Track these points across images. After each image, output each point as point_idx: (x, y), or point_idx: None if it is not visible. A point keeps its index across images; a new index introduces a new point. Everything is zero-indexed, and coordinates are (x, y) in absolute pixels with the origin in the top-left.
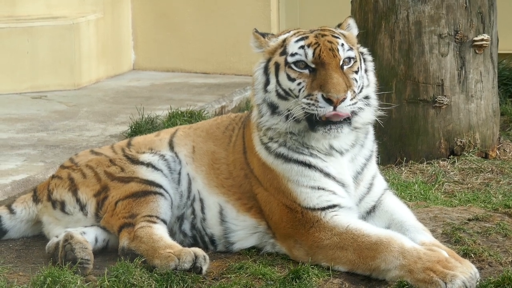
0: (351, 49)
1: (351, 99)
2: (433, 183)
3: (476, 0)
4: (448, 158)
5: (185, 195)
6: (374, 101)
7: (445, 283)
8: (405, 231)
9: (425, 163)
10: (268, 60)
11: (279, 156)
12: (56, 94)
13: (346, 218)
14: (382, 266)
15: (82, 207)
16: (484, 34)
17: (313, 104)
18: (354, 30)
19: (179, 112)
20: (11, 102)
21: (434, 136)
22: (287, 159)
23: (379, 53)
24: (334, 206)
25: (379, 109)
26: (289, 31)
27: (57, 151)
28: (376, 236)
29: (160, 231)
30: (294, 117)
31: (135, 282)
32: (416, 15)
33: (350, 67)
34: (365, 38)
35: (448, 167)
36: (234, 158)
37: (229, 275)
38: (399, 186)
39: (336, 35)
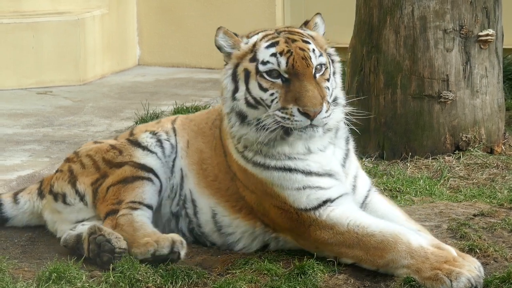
0: (321, 54)
1: (326, 111)
2: (438, 179)
3: None
4: (453, 154)
5: (178, 190)
6: (341, 100)
7: (451, 281)
8: None
9: (430, 158)
10: (236, 66)
11: (256, 164)
12: (61, 90)
13: (344, 213)
14: (390, 264)
15: (82, 197)
16: (489, 29)
17: (289, 118)
18: (321, 29)
19: (184, 107)
20: (16, 98)
21: (439, 131)
22: (265, 167)
23: (384, 48)
24: (325, 202)
25: (345, 105)
26: (257, 33)
27: (62, 147)
28: (381, 235)
29: (141, 218)
30: (267, 129)
31: (140, 278)
32: (421, 10)
33: (322, 74)
34: (370, 34)
35: (453, 163)
36: (218, 161)
37: (234, 271)
38: (404, 181)
39: (306, 39)
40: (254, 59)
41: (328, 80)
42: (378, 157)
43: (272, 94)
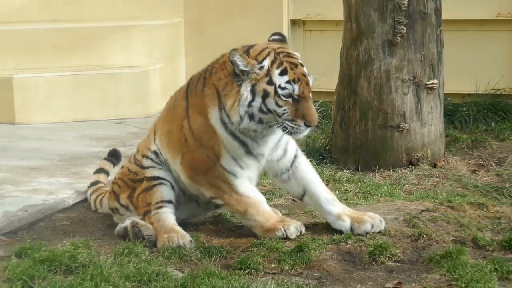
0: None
1: None
2: (397, 185)
3: (428, 55)
4: (408, 167)
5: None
6: None
7: (284, 229)
8: (320, 203)
9: (391, 170)
10: (254, 84)
11: (231, 133)
12: (132, 121)
13: (245, 185)
14: (247, 216)
15: (127, 208)
16: (434, 79)
17: (296, 128)
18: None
19: None
20: (100, 126)
21: (398, 151)
22: (234, 136)
23: (359, 92)
24: (241, 167)
25: None
26: (264, 57)
27: None
28: (253, 198)
29: (165, 215)
30: (271, 126)
31: (186, 253)
32: (386, 66)
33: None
34: (349, 82)
35: (407, 174)
36: (198, 125)
37: (252, 249)
38: (373, 186)
39: (301, 62)
40: (271, 82)
41: None
42: (355, 170)
43: (284, 110)
